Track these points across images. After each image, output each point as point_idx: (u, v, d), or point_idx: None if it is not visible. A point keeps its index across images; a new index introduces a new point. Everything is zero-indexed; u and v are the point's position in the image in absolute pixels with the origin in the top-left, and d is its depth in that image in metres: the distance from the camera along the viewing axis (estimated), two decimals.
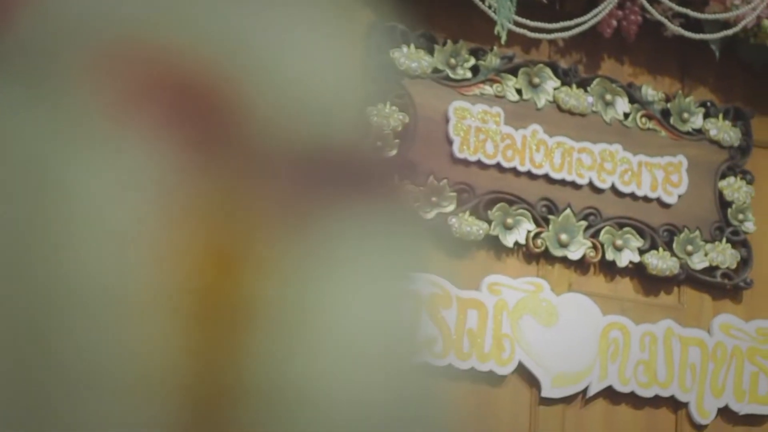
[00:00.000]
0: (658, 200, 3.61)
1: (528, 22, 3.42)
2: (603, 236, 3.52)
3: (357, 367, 0.45)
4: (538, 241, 3.43)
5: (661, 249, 3.57)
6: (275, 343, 0.45)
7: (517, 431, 3.37)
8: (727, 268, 3.65)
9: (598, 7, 3.48)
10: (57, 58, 0.46)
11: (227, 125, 0.47)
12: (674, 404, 3.55)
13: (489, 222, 3.36)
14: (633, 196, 3.58)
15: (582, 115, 3.56)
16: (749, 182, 3.73)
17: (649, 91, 3.65)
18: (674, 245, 3.59)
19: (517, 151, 3.45)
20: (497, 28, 3.36)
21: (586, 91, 3.57)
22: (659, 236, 3.58)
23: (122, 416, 0.42)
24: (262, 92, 0.48)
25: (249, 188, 0.46)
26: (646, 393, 3.50)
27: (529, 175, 3.46)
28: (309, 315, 0.45)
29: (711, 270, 3.64)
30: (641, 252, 3.55)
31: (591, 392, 3.44)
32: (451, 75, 3.42)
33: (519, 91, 3.49)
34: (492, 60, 3.47)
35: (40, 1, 0.48)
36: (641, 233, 3.56)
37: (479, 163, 3.39)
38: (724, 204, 3.69)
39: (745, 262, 3.68)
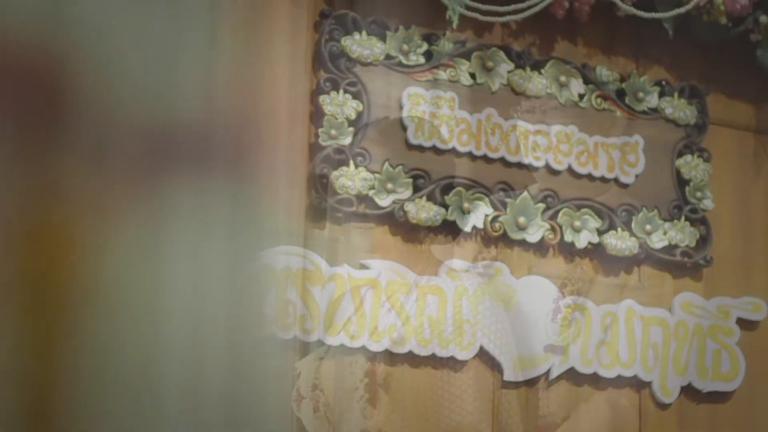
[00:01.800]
0: (616, 180, 3.60)
1: (480, 5, 3.41)
2: (561, 218, 3.51)
3: (197, 346, 0.44)
4: (496, 225, 3.42)
5: (619, 229, 3.57)
6: (114, 326, 0.44)
7: (481, 416, 3.36)
8: (687, 246, 3.66)
9: None
10: None
11: (64, 108, 0.46)
12: (637, 384, 3.55)
13: (446, 207, 3.35)
14: (590, 177, 3.58)
15: (537, 97, 3.55)
16: (706, 160, 3.73)
17: (604, 72, 3.65)
18: (633, 225, 3.59)
19: (472, 135, 3.44)
20: (449, 13, 3.35)
21: (540, 73, 3.57)
22: (618, 216, 3.58)
23: None
24: (104, 76, 0.47)
25: (89, 171, 0.45)
26: (609, 374, 3.50)
27: (485, 159, 3.45)
28: (148, 296, 0.44)
29: (670, 249, 3.64)
30: (600, 233, 3.55)
31: (553, 374, 3.43)
32: (404, 61, 3.41)
33: (473, 75, 3.48)
34: (445, 45, 3.46)
35: None
36: (599, 214, 3.56)
37: (434, 149, 3.38)
38: (681, 182, 3.69)
39: (704, 240, 3.68)
